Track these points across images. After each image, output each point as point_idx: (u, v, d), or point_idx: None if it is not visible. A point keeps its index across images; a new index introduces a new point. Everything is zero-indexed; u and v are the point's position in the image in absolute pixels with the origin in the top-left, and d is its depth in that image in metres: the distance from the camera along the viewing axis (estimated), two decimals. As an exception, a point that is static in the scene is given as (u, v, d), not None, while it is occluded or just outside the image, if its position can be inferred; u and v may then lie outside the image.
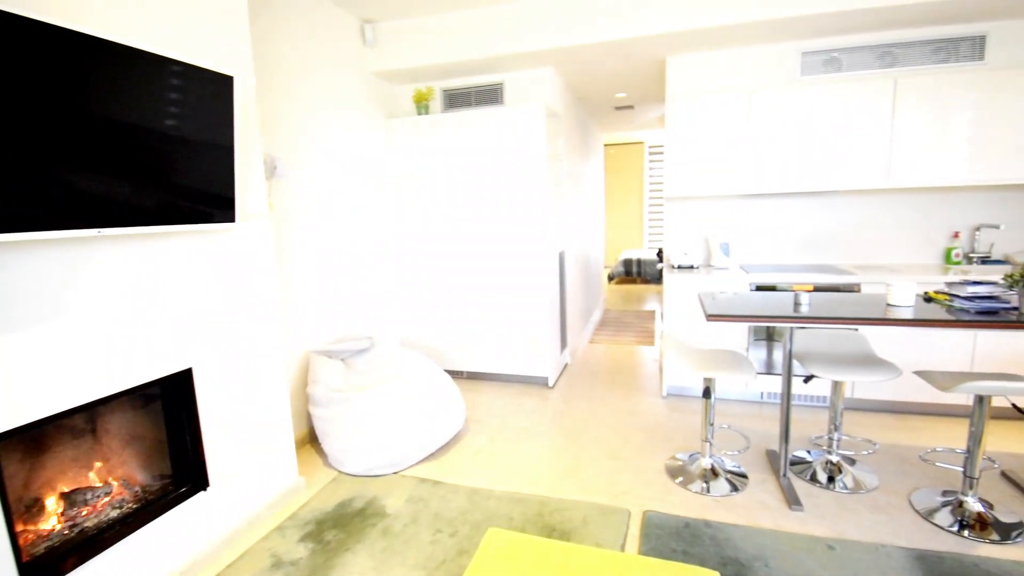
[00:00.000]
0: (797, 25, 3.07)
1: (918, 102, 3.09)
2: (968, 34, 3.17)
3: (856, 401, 3.25)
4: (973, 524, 2.06)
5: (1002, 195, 3.32)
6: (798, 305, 2.27)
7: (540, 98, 3.78)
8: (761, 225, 3.73)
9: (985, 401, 2.04)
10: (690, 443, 2.84)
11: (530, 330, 3.73)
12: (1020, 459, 2.57)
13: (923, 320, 2.00)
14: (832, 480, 2.41)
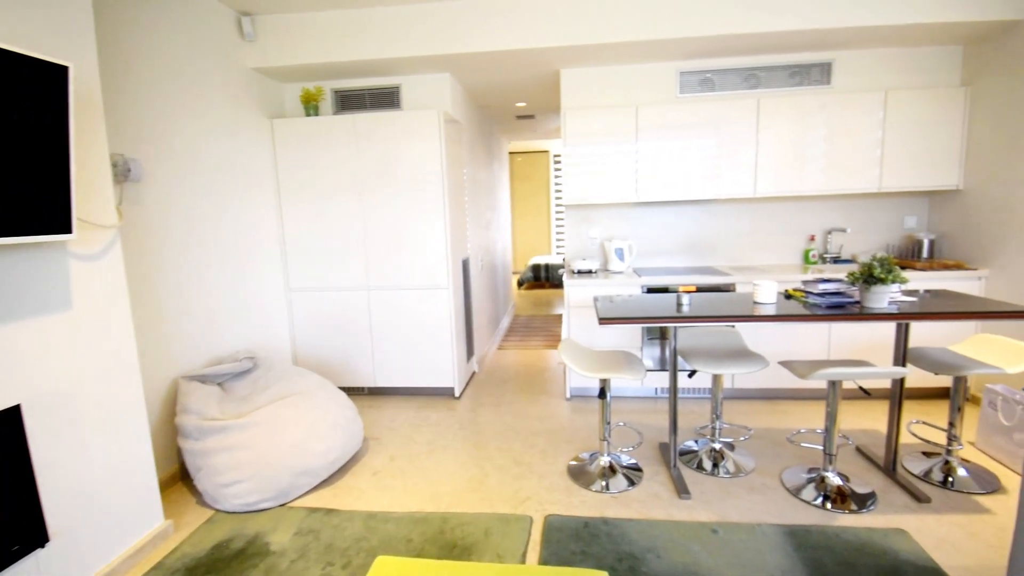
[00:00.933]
0: (673, 47, 3.31)
1: (778, 120, 3.46)
2: (817, 61, 3.61)
3: (737, 391, 3.54)
4: (834, 497, 2.31)
5: (850, 203, 3.81)
6: (680, 306, 2.42)
7: (439, 103, 3.74)
8: (652, 231, 3.96)
9: (837, 385, 2.30)
10: (592, 443, 2.92)
11: (433, 340, 3.65)
12: (871, 435, 2.94)
13: (783, 315, 2.21)
14: (716, 466, 2.59)
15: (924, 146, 3.41)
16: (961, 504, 2.24)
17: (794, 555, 1.92)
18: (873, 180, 3.46)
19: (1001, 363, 2.28)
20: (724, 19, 3.09)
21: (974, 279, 3.26)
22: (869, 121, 3.41)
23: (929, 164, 3.42)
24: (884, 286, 2.18)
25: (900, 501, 2.27)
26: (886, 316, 2.15)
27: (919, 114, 3.38)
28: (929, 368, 2.36)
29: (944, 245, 3.63)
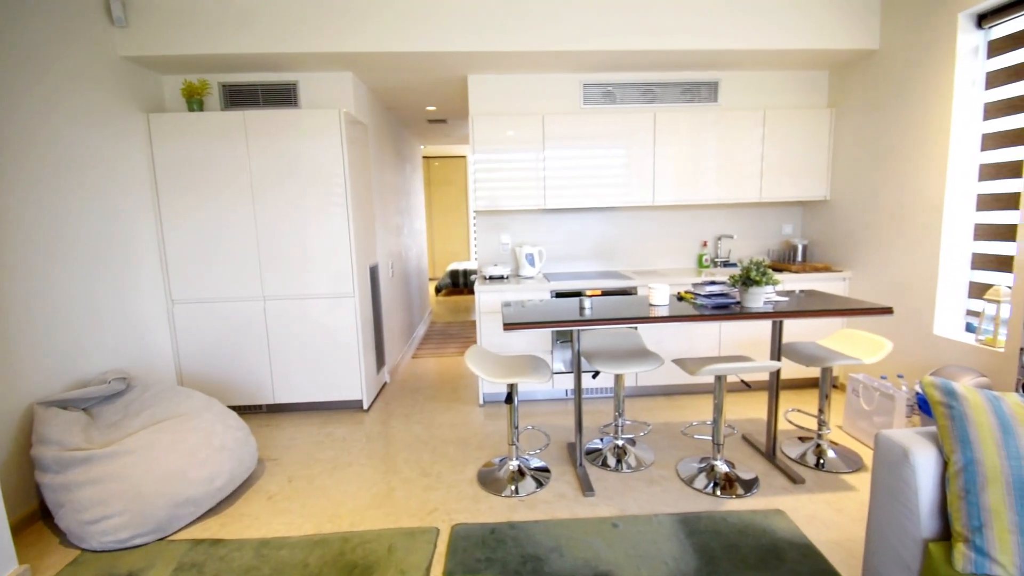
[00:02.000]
0: (576, 59, 3.43)
1: (673, 133, 3.69)
2: (706, 80, 3.90)
3: (641, 388, 3.72)
4: (723, 483, 2.48)
5: (737, 211, 4.15)
6: (583, 310, 2.50)
7: (341, 103, 3.59)
8: (562, 237, 4.07)
9: (722, 380, 2.47)
10: (503, 448, 2.92)
11: (339, 351, 3.48)
12: (754, 423, 3.20)
13: (674, 316, 2.35)
14: (620, 462, 2.69)
15: (797, 160, 3.80)
16: (830, 483, 2.50)
17: (686, 542, 2.03)
18: (755, 191, 3.80)
19: (860, 355, 2.58)
20: (623, 36, 3.25)
21: (840, 280, 3.67)
22: (751, 137, 3.74)
23: (802, 177, 3.82)
24: (759, 288, 2.39)
25: (779, 483, 2.49)
26: (762, 315, 2.36)
27: (793, 131, 3.76)
28: (800, 361, 2.61)
29: (816, 250, 4.06)
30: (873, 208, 3.43)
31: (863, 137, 3.51)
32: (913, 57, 3.07)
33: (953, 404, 1.44)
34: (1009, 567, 1.25)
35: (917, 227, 3.07)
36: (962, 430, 1.41)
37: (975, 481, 1.35)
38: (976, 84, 2.78)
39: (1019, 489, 1.30)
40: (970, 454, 1.38)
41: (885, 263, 3.33)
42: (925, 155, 3.00)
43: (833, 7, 3.30)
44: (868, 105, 3.46)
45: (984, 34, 2.74)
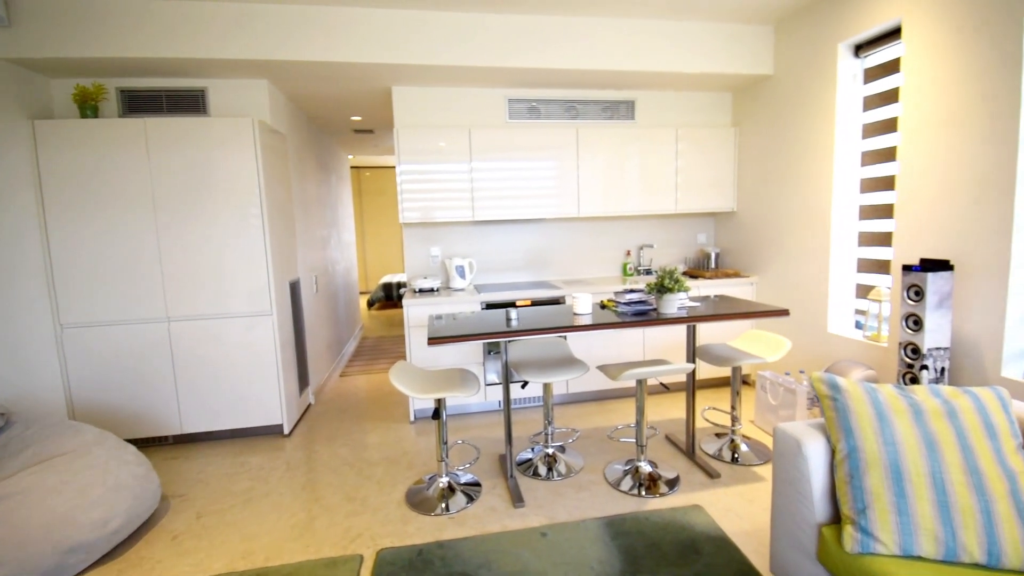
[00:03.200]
0: (500, 75, 3.49)
1: (595, 148, 3.83)
2: (623, 99, 4.09)
3: (572, 395, 3.80)
4: (647, 484, 2.57)
5: (657, 222, 4.37)
6: (509, 321, 2.51)
7: (255, 111, 3.42)
8: (493, 248, 4.10)
9: (642, 383, 2.58)
10: (434, 465, 2.86)
11: (256, 374, 3.27)
12: (675, 423, 3.35)
13: (596, 324, 2.42)
14: (551, 470, 2.72)
15: (707, 175, 4.07)
16: (743, 476, 2.66)
17: (611, 544, 2.08)
18: (672, 203, 4.02)
19: (765, 353, 2.77)
20: (547, 55, 3.35)
21: (748, 284, 3.95)
22: (666, 152, 3.96)
23: (712, 190, 4.09)
24: (673, 295, 2.52)
25: (698, 480, 2.62)
26: (676, 320, 2.48)
27: (702, 148, 4.03)
28: (712, 361, 2.78)
29: (727, 257, 4.35)
30: (773, 218, 3.73)
31: (762, 153, 3.82)
32: (802, 81, 3.39)
33: (837, 397, 1.59)
34: (890, 545, 1.38)
35: (810, 235, 3.37)
36: (845, 420, 1.55)
37: (858, 467, 1.49)
38: (855, 107, 3.11)
39: (895, 472, 1.44)
40: (853, 442, 1.52)
41: (785, 268, 3.63)
42: (814, 170, 3.31)
43: (734, 36, 3.59)
44: (766, 124, 3.78)
45: (861, 62, 3.07)
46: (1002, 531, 1.33)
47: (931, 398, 1.54)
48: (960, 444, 1.44)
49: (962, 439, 1.45)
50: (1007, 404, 1.53)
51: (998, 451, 1.44)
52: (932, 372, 2.41)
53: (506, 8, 3.19)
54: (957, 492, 1.38)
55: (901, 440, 1.46)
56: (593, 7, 3.21)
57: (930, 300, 2.37)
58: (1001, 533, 1.33)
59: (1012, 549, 1.31)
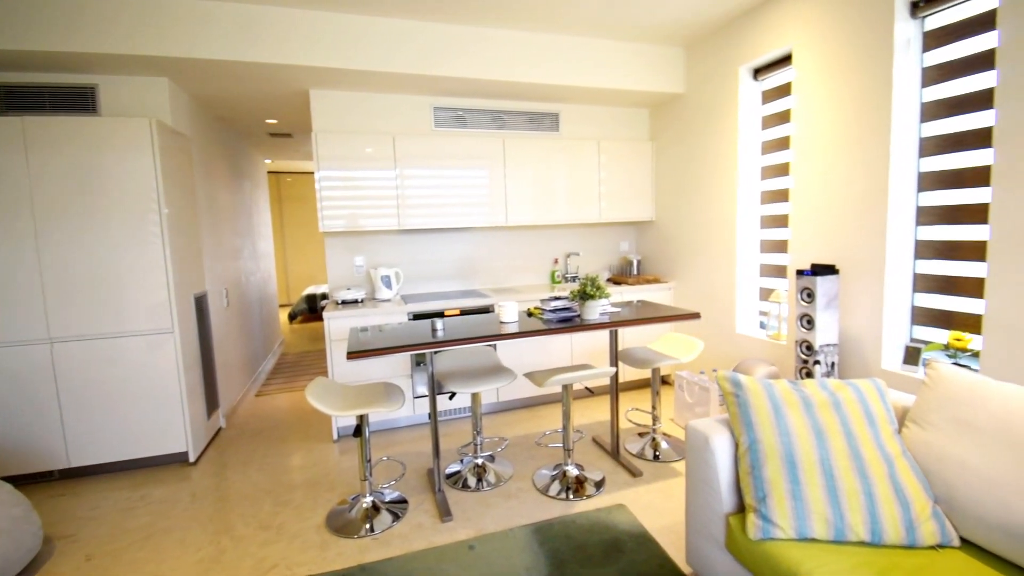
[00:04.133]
0: (425, 83, 3.46)
1: (522, 158, 3.89)
2: (548, 111, 4.19)
3: (503, 403, 3.80)
4: (574, 487, 2.61)
5: (583, 231, 4.50)
6: (435, 331, 2.48)
7: (154, 111, 3.15)
8: (422, 257, 4.03)
9: (568, 388, 2.63)
10: (358, 485, 2.74)
11: (156, 398, 2.98)
12: (601, 425, 3.45)
13: (522, 332, 2.44)
14: (480, 481, 2.70)
15: (628, 186, 4.25)
16: (664, 472, 2.78)
17: (539, 550, 2.09)
18: (596, 213, 4.16)
19: (680, 354, 2.93)
20: (470, 64, 3.36)
21: (667, 290, 4.16)
22: (589, 164, 4.10)
23: (632, 200, 4.28)
24: (595, 301, 2.60)
25: (622, 479, 2.70)
26: (598, 325, 2.56)
27: (623, 160, 4.21)
28: (633, 364, 2.89)
29: (648, 264, 4.56)
30: (687, 227, 3.97)
31: (676, 167, 4.06)
32: (709, 100, 3.64)
33: (739, 393, 1.70)
34: (787, 529, 1.49)
35: (719, 243, 3.62)
36: (746, 415, 1.66)
37: (758, 458, 1.60)
38: (755, 125, 3.38)
39: (789, 462, 1.56)
40: (753, 435, 1.63)
41: (699, 274, 3.87)
42: (721, 183, 3.56)
43: (650, 56, 3.79)
44: (679, 140, 4.02)
45: (759, 84, 3.35)
46: (882, 511, 1.47)
47: (820, 391, 1.68)
48: (845, 432, 1.59)
49: (846, 427, 1.60)
50: (883, 394, 1.71)
51: (877, 437, 1.60)
52: (824, 367, 2.65)
53: (431, 17, 3.17)
54: (843, 477, 1.52)
55: (794, 431, 1.59)
56: (517, 21, 3.28)
57: (820, 301, 2.62)
58: (881, 512, 1.47)
59: (891, 527, 1.46)
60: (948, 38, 2.27)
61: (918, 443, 1.60)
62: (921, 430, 1.62)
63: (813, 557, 1.40)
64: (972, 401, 1.53)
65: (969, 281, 2.24)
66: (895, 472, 1.53)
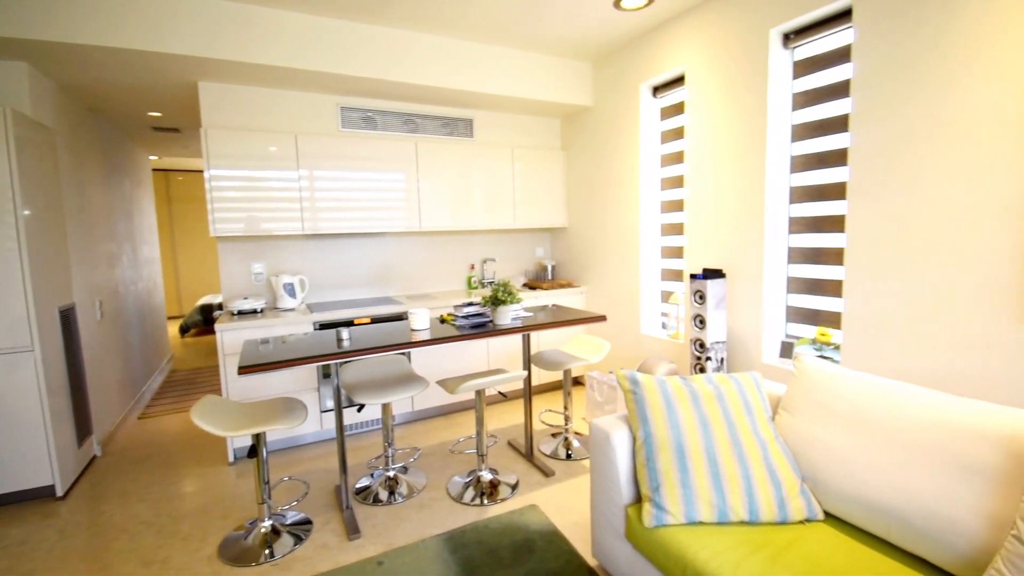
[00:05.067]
0: (331, 81, 3.32)
1: (436, 163, 3.86)
2: (462, 116, 4.20)
3: (418, 412, 3.73)
4: (488, 492, 2.61)
5: (499, 236, 4.54)
6: (340, 341, 2.38)
7: (11, 99, 2.75)
8: (331, 264, 3.85)
9: (481, 394, 2.63)
10: (255, 510, 2.55)
11: (14, 426, 2.59)
12: (517, 428, 3.49)
13: (434, 339, 2.41)
14: (392, 494, 2.62)
15: (542, 193, 4.37)
16: (575, 470, 2.86)
17: (450, 559, 2.07)
18: (511, 219, 4.23)
19: (589, 355, 3.04)
20: (381, 65, 3.28)
21: (580, 294, 4.31)
22: (504, 171, 4.16)
23: (546, 207, 4.40)
24: (507, 306, 2.63)
25: (535, 480, 2.75)
26: (510, 330, 2.59)
27: (536, 168, 4.32)
28: (545, 366, 2.96)
29: (562, 269, 4.71)
30: (597, 234, 4.15)
31: (586, 176, 4.24)
32: (614, 114, 3.84)
33: (636, 391, 1.80)
34: (677, 515, 1.60)
35: (625, 249, 3.82)
36: (642, 410, 1.76)
37: (652, 450, 1.70)
38: (655, 139, 3.61)
39: (679, 452, 1.67)
40: (648, 429, 1.73)
41: (608, 278, 4.05)
42: (626, 192, 3.76)
43: (561, 68, 3.93)
44: (588, 150, 4.20)
45: (658, 102, 3.59)
46: (758, 492, 1.62)
47: (705, 385, 1.83)
48: (726, 421, 1.74)
49: (727, 417, 1.75)
50: (759, 385, 1.89)
51: (754, 424, 1.76)
52: (715, 362, 2.88)
53: (339, 14, 3.06)
54: (725, 463, 1.66)
55: (683, 423, 1.71)
56: (429, 25, 3.25)
57: (710, 303, 2.84)
58: (758, 493, 1.62)
59: (766, 506, 1.61)
60: (814, 68, 2.58)
61: (788, 428, 1.79)
62: (791, 416, 1.80)
63: (699, 539, 1.50)
64: (830, 389, 1.74)
65: (831, 283, 2.55)
66: (769, 456, 1.69)
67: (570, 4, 3.01)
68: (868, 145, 2.25)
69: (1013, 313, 1.84)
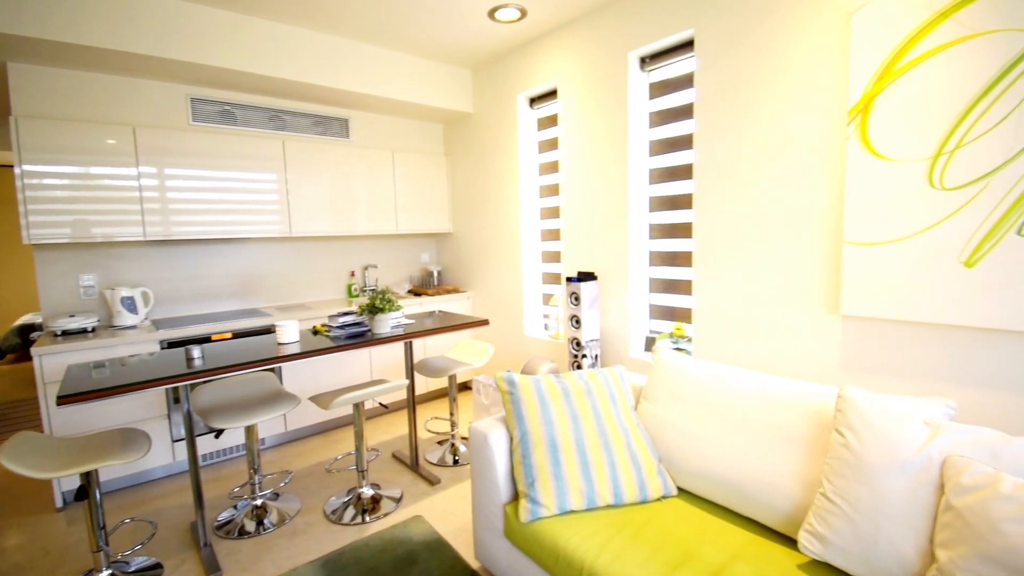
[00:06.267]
0: (178, 68, 2.97)
1: (307, 164, 3.62)
2: (337, 116, 4.00)
3: (292, 432, 3.46)
4: (370, 508, 2.51)
5: (381, 242, 4.39)
6: (191, 360, 2.13)
7: None
8: (183, 274, 3.43)
9: (360, 407, 2.52)
10: (90, 559, 2.18)
11: None
12: (402, 439, 3.40)
13: (304, 352, 2.26)
14: (260, 524, 2.40)
15: (426, 198, 4.32)
16: (462, 475, 2.86)
17: (327, 587, 1.95)
18: (393, 224, 4.12)
19: (473, 360, 3.06)
20: (241, 56, 3.01)
21: (466, 299, 4.33)
22: (385, 175, 4.04)
23: (431, 212, 4.36)
24: (386, 314, 2.56)
25: (421, 490, 2.70)
26: (390, 339, 2.52)
27: (419, 173, 4.26)
28: (429, 373, 2.92)
29: (448, 274, 4.69)
30: (481, 239, 4.21)
31: (469, 181, 4.28)
32: (494, 122, 3.93)
33: (513, 391, 1.85)
34: (551, 507, 1.66)
35: (507, 253, 3.92)
36: (519, 410, 1.81)
37: (528, 447, 1.76)
38: (533, 148, 3.76)
39: (552, 447, 1.75)
40: (524, 427, 1.79)
41: (493, 282, 4.13)
42: (507, 198, 3.87)
43: (441, 74, 3.93)
44: (470, 156, 4.25)
45: (535, 112, 3.73)
46: (621, 475, 1.75)
47: (576, 381, 1.93)
48: (594, 414, 1.85)
49: (595, 410, 1.87)
50: (623, 378, 2.04)
51: (618, 414, 1.90)
52: (590, 359, 3.06)
53: (180, -5, 2.75)
54: (593, 453, 1.76)
55: (556, 419, 1.79)
56: (300, 18, 3.06)
57: (584, 303, 3.02)
58: (621, 477, 1.75)
59: (628, 488, 1.74)
60: (667, 90, 2.86)
61: (648, 415, 1.96)
62: (650, 404, 1.98)
63: (570, 526, 1.58)
64: (680, 377, 1.93)
65: (684, 283, 2.85)
66: (631, 442, 1.84)
67: (447, 10, 3.02)
68: (708, 161, 2.56)
69: (822, 305, 2.21)
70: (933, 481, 1.26)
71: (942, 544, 1.19)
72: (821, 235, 2.17)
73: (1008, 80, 1.65)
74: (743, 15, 2.35)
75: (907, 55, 1.85)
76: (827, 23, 2.09)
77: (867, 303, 2.02)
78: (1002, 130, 1.67)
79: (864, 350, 2.09)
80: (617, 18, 2.91)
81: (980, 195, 1.73)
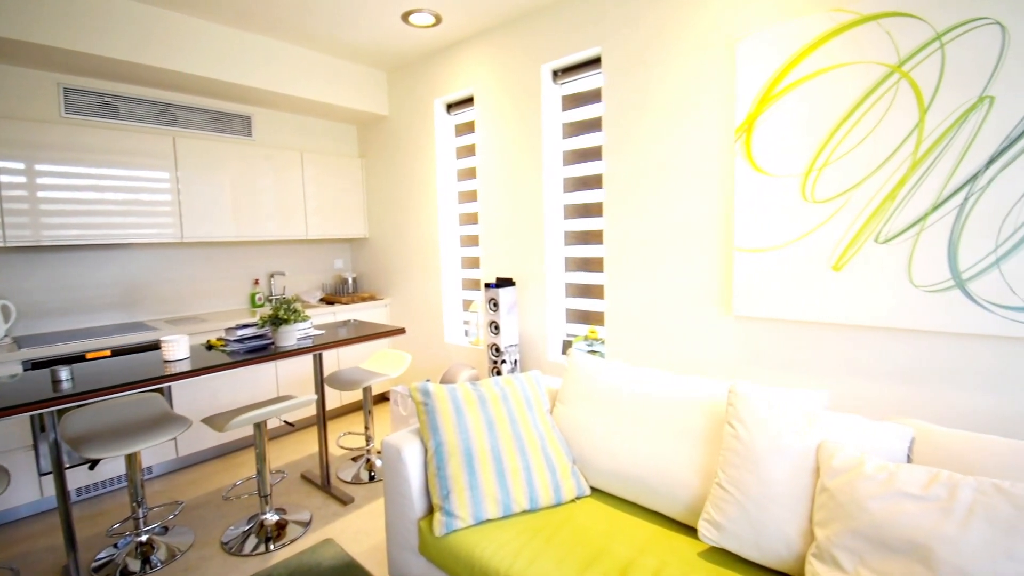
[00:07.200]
0: (40, 53, 2.61)
1: (202, 164, 3.32)
2: (238, 112, 3.72)
3: (185, 458, 3.15)
4: (275, 535, 2.33)
5: (289, 248, 4.13)
6: (58, 383, 1.86)
7: None
8: (55, 284, 3.00)
9: (262, 427, 2.34)
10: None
11: None
12: (312, 459, 3.20)
13: (194, 371, 2.06)
14: (147, 562, 2.15)
15: (339, 202, 4.13)
16: (377, 492, 2.74)
17: (223, 626, 1.77)
18: (303, 229, 3.89)
19: (390, 370, 2.96)
20: (121, 43, 2.71)
21: (383, 306, 4.19)
22: (293, 177, 3.81)
23: (344, 217, 4.17)
24: (290, 326, 2.40)
25: (332, 511, 2.55)
26: (296, 352, 2.37)
27: (331, 175, 4.07)
28: (341, 387, 2.78)
29: (364, 281, 4.51)
30: (399, 245, 4.10)
31: (386, 185, 4.16)
32: (411, 126, 3.85)
33: (427, 401, 1.80)
34: (466, 518, 1.64)
35: (426, 259, 3.85)
36: (433, 420, 1.77)
37: (443, 458, 1.72)
38: (451, 154, 3.73)
39: (468, 456, 1.72)
40: (439, 438, 1.75)
41: (411, 289, 4.03)
42: (425, 203, 3.80)
43: (354, 74, 3.78)
44: (386, 159, 4.13)
45: (453, 118, 3.71)
46: (537, 480, 1.76)
47: (492, 388, 1.92)
48: (510, 420, 1.85)
49: (511, 416, 1.87)
50: (539, 382, 2.06)
51: (534, 418, 1.92)
52: (509, 364, 3.08)
53: (42, -32, 2.42)
54: (509, 459, 1.76)
55: (471, 428, 1.77)
56: (192, 7, 2.80)
57: (503, 309, 3.04)
58: (536, 481, 1.76)
59: (543, 492, 1.75)
60: (579, 103, 2.96)
61: (563, 417, 1.99)
62: (564, 407, 2.02)
63: (486, 536, 1.57)
64: (592, 379, 1.99)
65: (597, 287, 2.95)
66: (546, 446, 1.86)
67: (358, 10, 2.92)
68: (615, 173, 2.68)
69: (718, 307, 2.38)
70: (810, 466, 1.39)
71: (819, 523, 1.31)
72: (715, 242, 2.35)
73: (865, 107, 1.88)
74: (644, 38, 2.49)
75: (783, 81, 2.06)
76: (716, 51, 2.27)
77: (755, 304, 2.20)
78: (860, 150, 1.91)
79: (755, 347, 2.28)
80: (530, 31, 2.98)
81: (844, 207, 1.96)
